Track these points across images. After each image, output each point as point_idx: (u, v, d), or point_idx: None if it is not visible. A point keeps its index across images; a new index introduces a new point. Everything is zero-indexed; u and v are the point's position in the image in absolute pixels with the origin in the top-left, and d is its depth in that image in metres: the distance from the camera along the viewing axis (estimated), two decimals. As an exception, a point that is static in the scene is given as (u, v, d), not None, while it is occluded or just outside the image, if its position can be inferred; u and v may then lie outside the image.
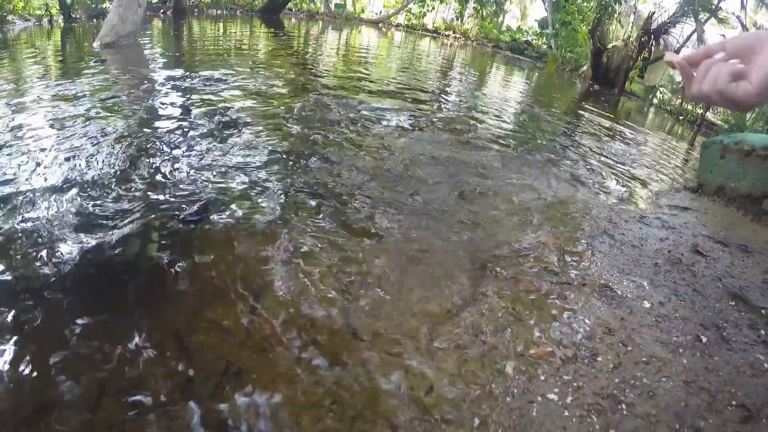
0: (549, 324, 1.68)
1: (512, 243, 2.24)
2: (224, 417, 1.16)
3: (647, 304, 1.86)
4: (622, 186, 3.61)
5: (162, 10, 12.98)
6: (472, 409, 1.24)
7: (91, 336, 1.43)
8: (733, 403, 1.42)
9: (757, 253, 2.54)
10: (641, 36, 14.69)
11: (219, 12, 15.17)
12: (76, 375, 1.25)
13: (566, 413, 1.29)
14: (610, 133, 6.22)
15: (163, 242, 1.98)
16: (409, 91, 6.37)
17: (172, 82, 4.69)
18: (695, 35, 15.17)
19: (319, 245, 2.00)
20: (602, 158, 4.49)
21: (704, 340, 1.70)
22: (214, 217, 2.17)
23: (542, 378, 1.41)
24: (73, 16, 10.51)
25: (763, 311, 1.95)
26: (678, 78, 14.34)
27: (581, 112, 8.59)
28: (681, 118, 12.58)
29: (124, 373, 1.29)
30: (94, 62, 5.29)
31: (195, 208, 2.17)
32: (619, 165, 4.33)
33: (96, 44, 6.50)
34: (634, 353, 1.57)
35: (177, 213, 2.16)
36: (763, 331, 1.83)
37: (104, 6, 10.88)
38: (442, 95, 6.79)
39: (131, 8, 6.83)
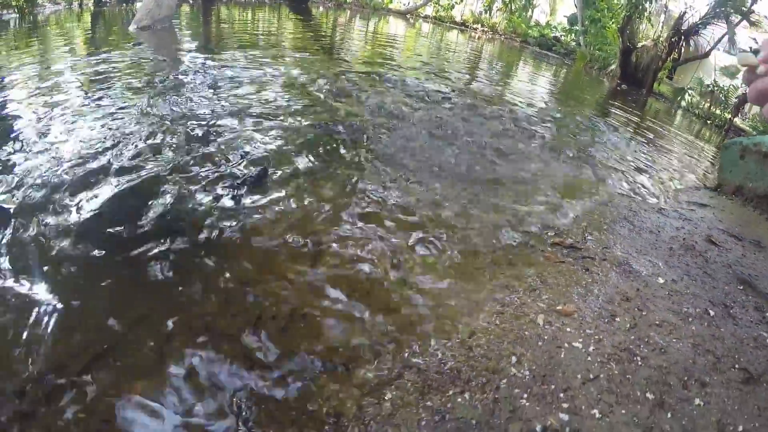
0: (573, 288, 1.91)
1: (538, 222, 2.48)
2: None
3: (661, 280, 2.07)
4: (644, 181, 3.80)
5: None
6: (510, 348, 1.49)
7: (166, 281, 1.66)
8: (737, 366, 1.63)
9: (769, 248, 2.72)
10: (671, 36, 14.50)
11: None
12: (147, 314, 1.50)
13: (589, 359, 1.51)
14: (636, 133, 6.35)
15: (227, 205, 2.25)
16: (433, 84, 6.57)
17: (208, 66, 4.96)
18: (726, 37, 14.90)
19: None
20: (626, 155, 4.66)
21: (712, 314, 1.91)
22: (273, 176, 2.45)
23: (568, 330, 1.62)
24: (103, 0, 10.81)
25: None
26: (707, 81, 14.17)
27: (608, 110, 8.67)
28: (709, 122, 12.47)
29: (198, 313, 1.51)
30: (132, 44, 5.55)
31: (254, 170, 2.46)
32: (642, 163, 4.50)
33: (132, 27, 6.74)
34: (649, 317, 1.79)
35: (238, 178, 2.43)
36: None
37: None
38: (466, 91, 6.95)
39: None
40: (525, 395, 1.23)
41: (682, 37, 14.81)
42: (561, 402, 1.25)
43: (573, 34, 17.51)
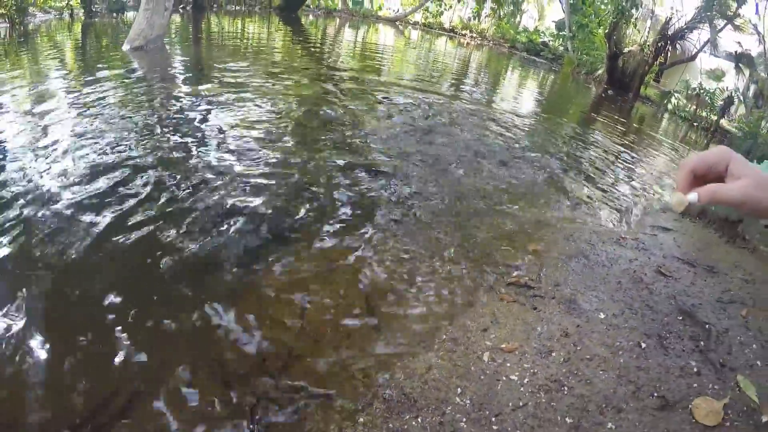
0: (520, 327, 2.01)
1: (501, 262, 2.55)
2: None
3: (602, 315, 2.15)
4: (613, 207, 3.84)
5: (182, 5, 13.23)
6: (457, 381, 1.70)
7: (175, 321, 1.86)
8: (655, 394, 1.75)
9: (722, 273, 2.77)
10: (658, 41, 14.65)
11: (237, 8, 15.44)
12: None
13: (521, 389, 1.70)
14: (618, 146, 6.41)
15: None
16: (422, 92, 6.64)
17: (192, 105, 4.93)
18: (711, 41, 15.06)
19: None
20: (602, 175, 4.71)
21: (644, 346, 2.00)
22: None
23: (508, 365, 1.81)
24: (94, 9, 10.72)
25: (707, 326, 2.20)
26: (693, 84, 14.32)
27: (593, 119, 8.74)
28: (695, 124, 12.58)
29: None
30: (124, 71, 5.57)
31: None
32: (614, 184, 4.54)
33: (126, 47, 6.77)
34: (582, 352, 1.92)
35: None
36: (702, 343, 2.09)
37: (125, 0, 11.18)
38: (455, 98, 7.03)
39: (159, 12, 7.10)
40: (464, 419, 1.49)
41: (669, 42, 14.96)
42: (492, 425, 1.51)
43: (561, 40, 17.65)
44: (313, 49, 9.92)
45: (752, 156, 10.21)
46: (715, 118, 12.54)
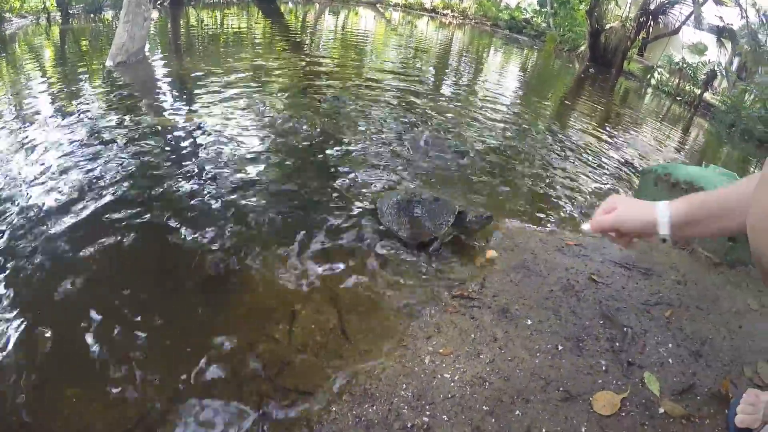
0: (457, 334, 2.30)
1: (452, 277, 2.80)
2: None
3: (529, 322, 2.37)
4: (565, 211, 3.94)
5: (159, 2, 13.02)
6: (404, 379, 2.02)
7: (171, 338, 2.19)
8: (561, 388, 1.98)
9: (656, 276, 2.96)
10: (640, 16, 14.61)
11: (215, 0, 15.19)
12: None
13: (452, 384, 2.01)
14: (595, 134, 6.54)
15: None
16: (402, 91, 6.77)
17: (186, 113, 5.00)
18: (694, 15, 15.01)
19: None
20: (569, 171, 4.79)
21: (561, 348, 2.22)
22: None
23: (444, 366, 2.11)
24: (71, 12, 10.57)
25: (625, 329, 2.42)
26: (677, 58, 14.34)
27: (572, 101, 8.82)
28: (678, 98, 12.64)
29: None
30: (110, 93, 5.43)
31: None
32: (582, 179, 4.64)
33: (109, 63, 6.67)
34: (505, 354, 2.15)
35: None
36: (617, 344, 2.31)
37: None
38: (435, 92, 7.15)
39: (138, 24, 6.97)
40: (406, 407, 1.85)
41: (651, 17, 14.92)
42: (426, 411, 1.85)
43: (543, 16, 17.56)
44: (294, 44, 9.86)
45: (736, 129, 10.37)
46: (698, 92, 12.63)
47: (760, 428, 1.71)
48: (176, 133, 4.42)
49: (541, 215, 3.82)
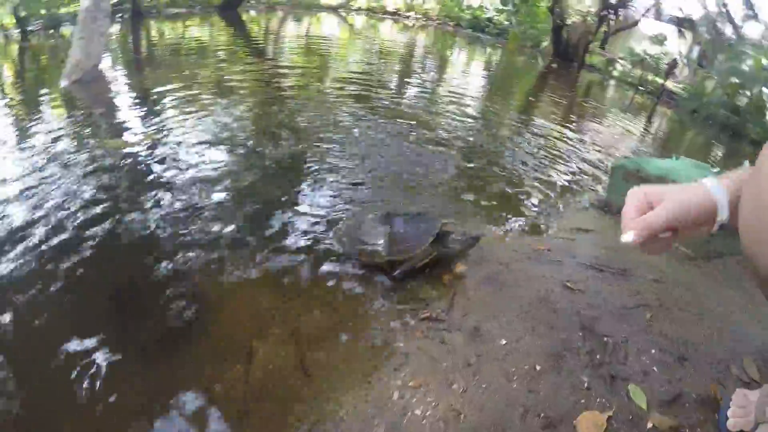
0: (427, 362, 2.09)
1: (418, 297, 2.60)
2: None
3: (503, 342, 2.18)
4: (534, 213, 3.79)
5: (119, 14, 12.50)
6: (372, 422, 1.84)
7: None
8: (541, 414, 1.79)
9: (633, 276, 2.83)
10: (601, 10, 14.85)
11: (177, 11, 14.74)
12: None
13: (424, 421, 1.83)
14: (560, 128, 6.46)
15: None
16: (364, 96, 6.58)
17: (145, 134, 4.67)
18: (654, 7, 15.35)
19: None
20: (534, 170, 4.66)
21: (538, 368, 2.05)
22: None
23: (413, 401, 1.91)
24: (28, 29, 9.85)
25: (605, 339, 2.25)
26: (638, 50, 14.61)
27: (538, 97, 8.79)
28: (641, 88, 12.85)
29: None
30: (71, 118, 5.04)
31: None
32: (546, 177, 4.52)
33: (63, 83, 6.21)
34: (480, 381, 1.96)
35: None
36: (598, 356, 2.15)
37: (60, 11, 10.48)
38: (395, 96, 6.98)
39: (94, 40, 6.53)
40: None
41: (612, 10, 15.20)
42: None
43: (505, 15, 17.70)
44: (257, 53, 9.54)
45: (698, 115, 10.59)
46: (660, 81, 12.87)
47: (754, 430, 1.62)
48: (135, 155, 4.11)
49: (508, 219, 3.66)
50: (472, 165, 4.62)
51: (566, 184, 4.55)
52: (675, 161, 3.56)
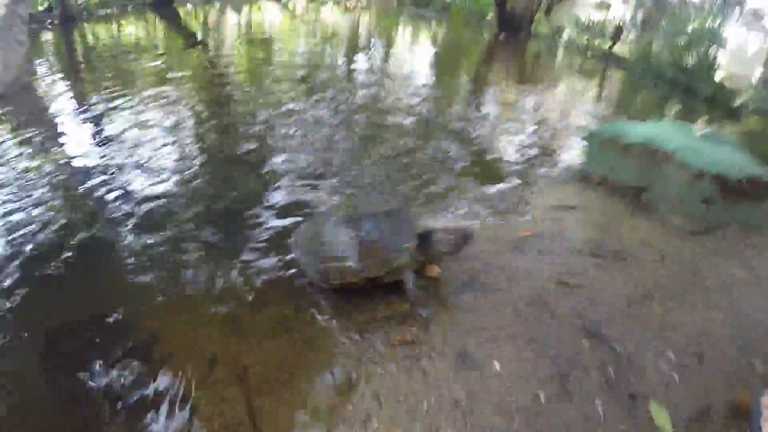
0: (405, 404, 1.67)
1: (385, 315, 2.10)
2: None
3: (497, 366, 1.76)
4: (509, 191, 3.37)
5: (48, 21, 11.33)
6: None
7: None
8: None
9: (630, 258, 2.47)
10: (543, -22, 14.62)
11: (109, 11, 13.50)
12: None
13: None
14: (514, 103, 6.06)
15: None
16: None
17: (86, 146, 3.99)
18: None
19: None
20: (495, 152, 4.22)
21: (543, 397, 1.65)
22: None
23: None
24: None
25: (616, 347, 1.87)
26: (583, 18, 14.55)
27: (486, 75, 8.41)
28: (589, 53, 12.79)
29: None
30: None
31: None
32: (513, 151, 4.14)
33: None
34: (473, 424, 1.58)
35: None
36: (611, 370, 1.76)
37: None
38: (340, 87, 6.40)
39: (12, 49, 5.78)
40: None
41: (554, -22, 15.01)
42: None
43: (447, -12, 17.26)
44: (198, 49, 8.69)
45: (648, 76, 10.57)
46: (607, 46, 12.86)
47: None
48: (71, 171, 3.50)
49: (482, 202, 3.21)
50: (430, 146, 4.19)
51: (536, 155, 4.17)
52: (655, 125, 3.23)
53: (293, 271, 2.35)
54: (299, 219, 2.81)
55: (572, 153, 4.40)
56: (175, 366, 1.84)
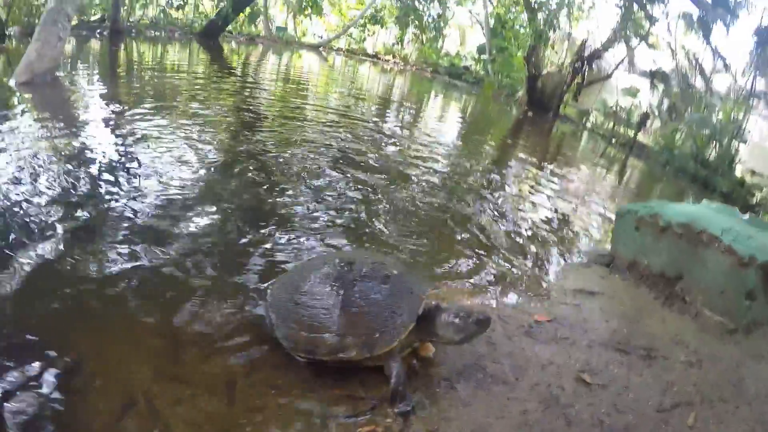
0: None
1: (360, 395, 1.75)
2: None
3: None
4: (525, 268, 3.08)
5: (98, 31, 12.15)
6: None
7: None
8: None
9: (660, 358, 2.14)
10: (575, 61, 14.98)
11: (157, 34, 14.30)
12: None
13: None
14: (535, 180, 5.86)
15: None
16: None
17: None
18: (627, 59, 15.71)
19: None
20: (513, 226, 3.95)
21: None
22: None
23: None
24: (7, 33, 9.45)
25: None
26: (610, 101, 14.70)
27: (511, 150, 8.30)
28: (614, 140, 12.76)
29: None
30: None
31: None
32: (529, 233, 3.81)
33: (11, 81, 5.77)
34: None
35: None
36: None
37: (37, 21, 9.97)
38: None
39: (50, 42, 6.06)
40: None
41: (585, 62, 15.37)
42: None
43: (482, 63, 17.84)
44: (234, 84, 8.86)
45: (669, 167, 10.40)
46: (632, 133, 12.84)
47: None
48: (49, 163, 3.34)
49: (493, 278, 2.90)
50: (447, 215, 3.90)
51: (556, 234, 3.89)
52: (698, 206, 2.96)
53: (263, 322, 2.03)
54: (289, 264, 2.54)
55: (594, 236, 4.13)
56: (87, 399, 1.53)
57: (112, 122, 4.70)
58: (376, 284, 1.82)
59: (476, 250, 3.22)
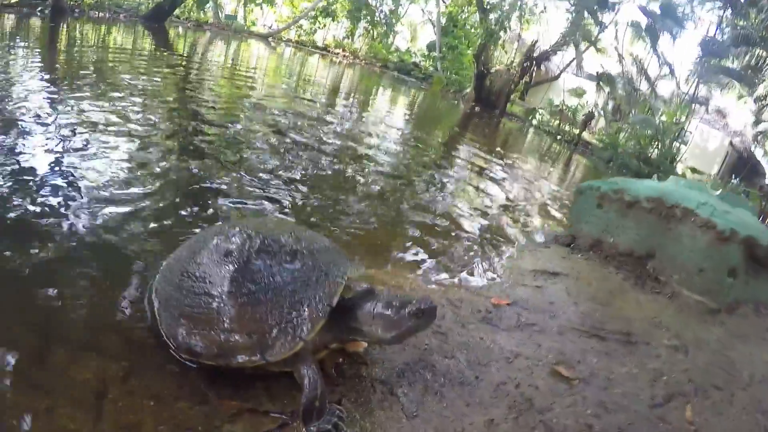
0: None
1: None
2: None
3: None
4: (474, 254, 2.66)
5: (39, 9, 11.03)
6: None
7: None
8: None
9: (642, 344, 1.80)
10: (524, 62, 15.16)
11: (101, 15, 13.15)
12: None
13: None
14: (483, 166, 5.56)
15: None
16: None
17: None
18: (575, 62, 16.14)
19: None
20: (464, 208, 3.59)
21: None
22: None
23: None
24: None
25: None
26: (556, 101, 14.98)
27: (460, 140, 8.05)
28: (559, 137, 12.97)
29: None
30: None
31: None
32: (480, 215, 3.48)
33: None
34: None
35: None
36: None
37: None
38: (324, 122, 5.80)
39: None
40: None
41: (534, 63, 15.62)
42: None
43: (431, 60, 17.76)
44: (180, 68, 8.04)
45: (613, 164, 10.63)
46: (577, 131, 13.12)
47: None
48: None
49: (443, 261, 2.45)
50: (392, 196, 3.48)
51: (509, 217, 3.59)
52: (666, 182, 2.69)
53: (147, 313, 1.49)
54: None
55: (550, 216, 3.83)
56: None
57: (43, 101, 3.87)
58: (276, 263, 1.32)
59: (422, 232, 2.79)
